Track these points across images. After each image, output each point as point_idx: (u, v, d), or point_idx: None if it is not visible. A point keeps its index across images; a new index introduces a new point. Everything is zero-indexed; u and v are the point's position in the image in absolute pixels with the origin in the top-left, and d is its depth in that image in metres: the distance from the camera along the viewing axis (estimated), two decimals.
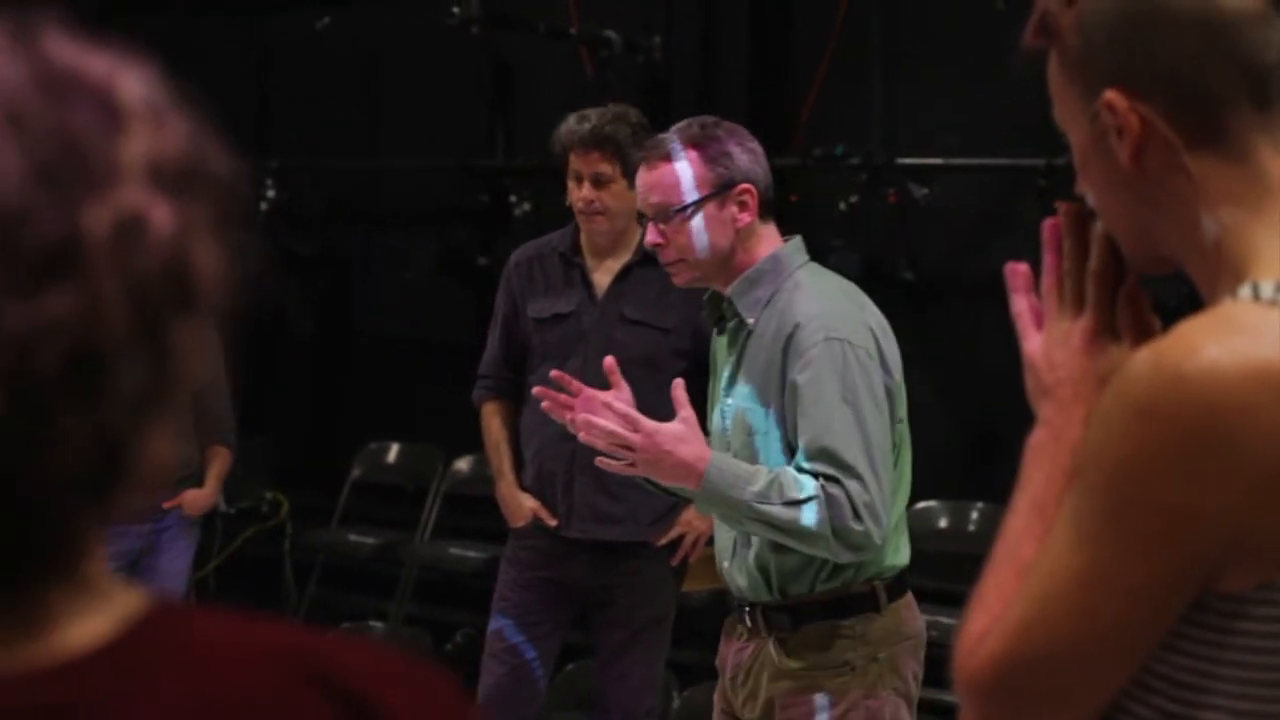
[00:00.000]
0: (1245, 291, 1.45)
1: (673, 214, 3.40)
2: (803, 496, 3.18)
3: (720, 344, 3.55)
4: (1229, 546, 1.41)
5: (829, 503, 3.18)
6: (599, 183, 4.60)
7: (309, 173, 8.39)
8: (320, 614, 7.52)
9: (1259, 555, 1.42)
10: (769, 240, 3.46)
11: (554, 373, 3.57)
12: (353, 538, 7.61)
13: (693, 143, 3.42)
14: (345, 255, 8.70)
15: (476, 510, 6.92)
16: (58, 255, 0.87)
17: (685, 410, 3.26)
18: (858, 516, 3.18)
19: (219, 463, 5.90)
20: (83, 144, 0.90)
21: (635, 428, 3.21)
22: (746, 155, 3.43)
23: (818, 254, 6.75)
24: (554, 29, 7.31)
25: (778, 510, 3.18)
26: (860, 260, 6.68)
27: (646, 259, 4.69)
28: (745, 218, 3.40)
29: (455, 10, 6.92)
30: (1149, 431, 1.39)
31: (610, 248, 4.71)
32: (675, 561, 4.76)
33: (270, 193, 8.24)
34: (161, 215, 0.91)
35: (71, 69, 0.93)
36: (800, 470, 3.23)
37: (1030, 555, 1.51)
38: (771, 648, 3.37)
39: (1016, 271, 1.68)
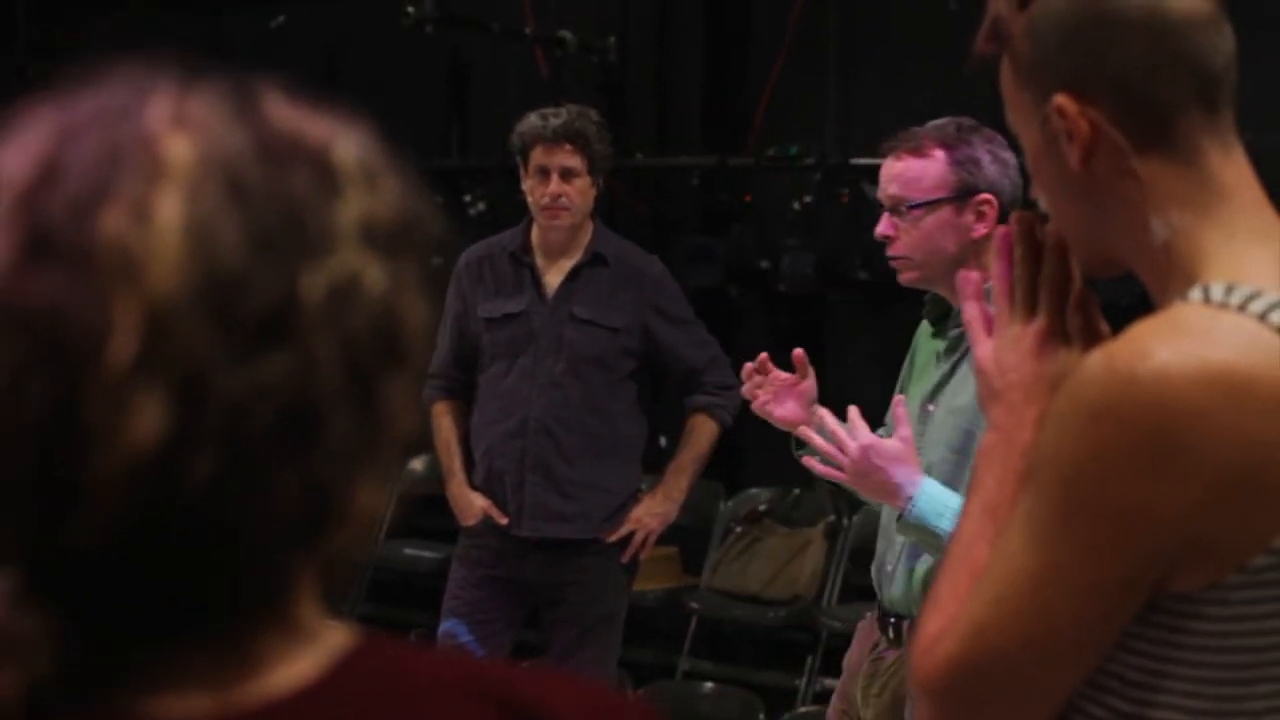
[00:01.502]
0: (1196, 294, 1.46)
1: (906, 210, 3.28)
2: None
3: (928, 345, 3.43)
4: (1182, 547, 1.42)
5: None
6: (566, 177, 4.61)
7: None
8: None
9: (1211, 555, 1.43)
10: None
11: (763, 355, 3.46)
12: None
13: (943, 142, 3.29)
14: None
15: (431, 510, 6.91)
16: (274, 320, 0.89)
17: (905, 429, 3.12)
18: None
19: None
20: (301, 210, 0.92)
21: (855, 436, 3.08)
22: (996, 165, 3.28)
23: (772, 254, 6.82)
24: (509, 29, 7.31)
25: None
26: (815, 260, 6.70)
27: (596, 259, 4.70)
28: (981, 228, 3.25)
29: (410, 10, 6.92)
30: (1102, 433, 1.40)
31: (563, 247, 4.72)
32: (626, 559, 4.76)
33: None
34: (373, 276, 0.93)
35: (290, 135, 0.95)
36: None
37: (983, 558, 1.52)
38: None
39: (968, 279, 1.69)
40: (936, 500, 3.05)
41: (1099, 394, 1.41)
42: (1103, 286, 1.65)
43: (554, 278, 4.72)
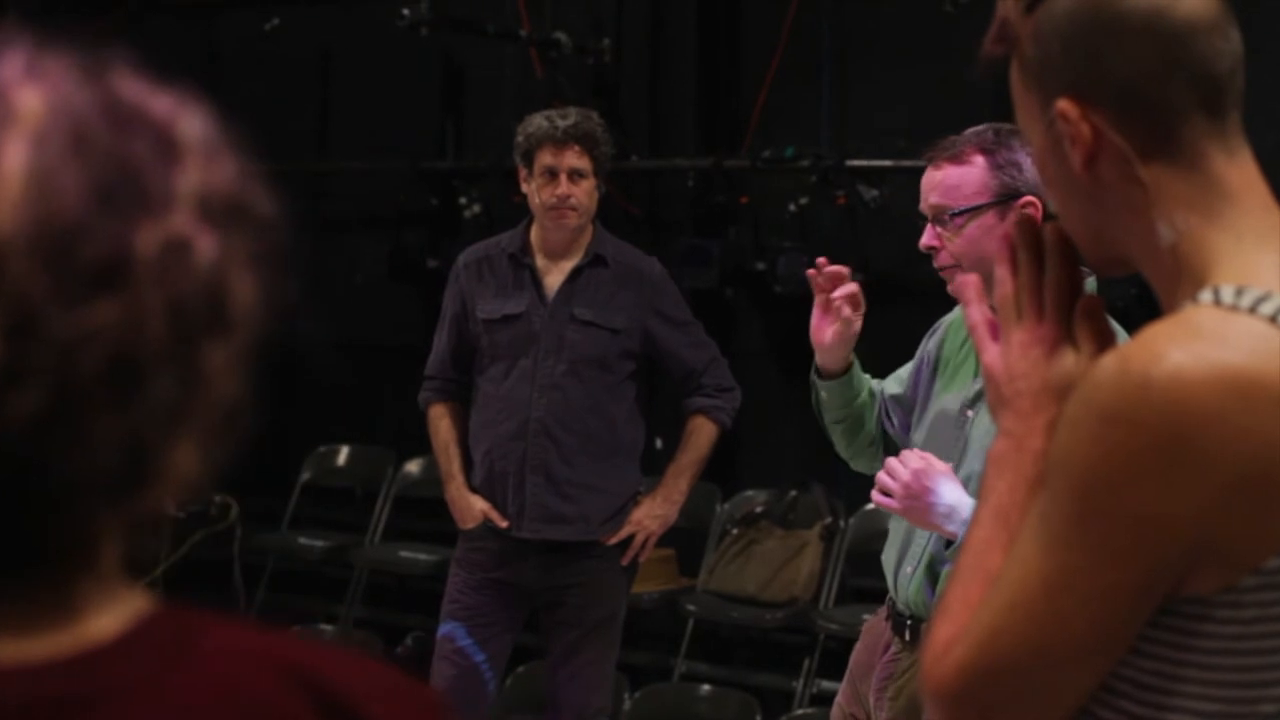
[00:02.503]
0: (1206, 296, 1.46)
1: (949, 218, 3.25)
2: None
3: (966, 348, 3.41)
4: (1196, 550, 1.42)
5: None
6: (574, 178, 4.61)
7: (258, 175, 8.34)
8: (270, 617, 7.48)
9: (1225, 559, 1.42)
10: None
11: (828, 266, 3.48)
12: (303, 541, 7.58)
13: (983, 147, 3.26)
14: (294, 258, 8.66)
15: (427, 513, 6.91)
16: (108, 269, 0.93)
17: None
18: None
19: None
20: (141, 172, 0.97)
21: (904, 462, 3.07)
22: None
23: (768, 255, 6.82)
24: (504, 31, 7.31)
25: None
26: (809, 262, 6.68)
27: (596, 260, 4.70)
28: None
29: (405, 12, 6.92)
30: (1116, 437, 1.40)
31: (564, 249, 4.72)
32: (626, 561, 4.76)
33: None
34: (206, 243, 0.98)
35: (136, 103, 1.01)
36: None
37: (995, 565, 1.51)
38: None
39: (968, 283, 1.69)
40: None
41: (1112, 398, 1.41)
42: (1098, 288, 1.64)
43: (554, 279, 4.71)
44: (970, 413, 3.29)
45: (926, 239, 3.30)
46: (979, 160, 3.26)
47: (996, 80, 1.65)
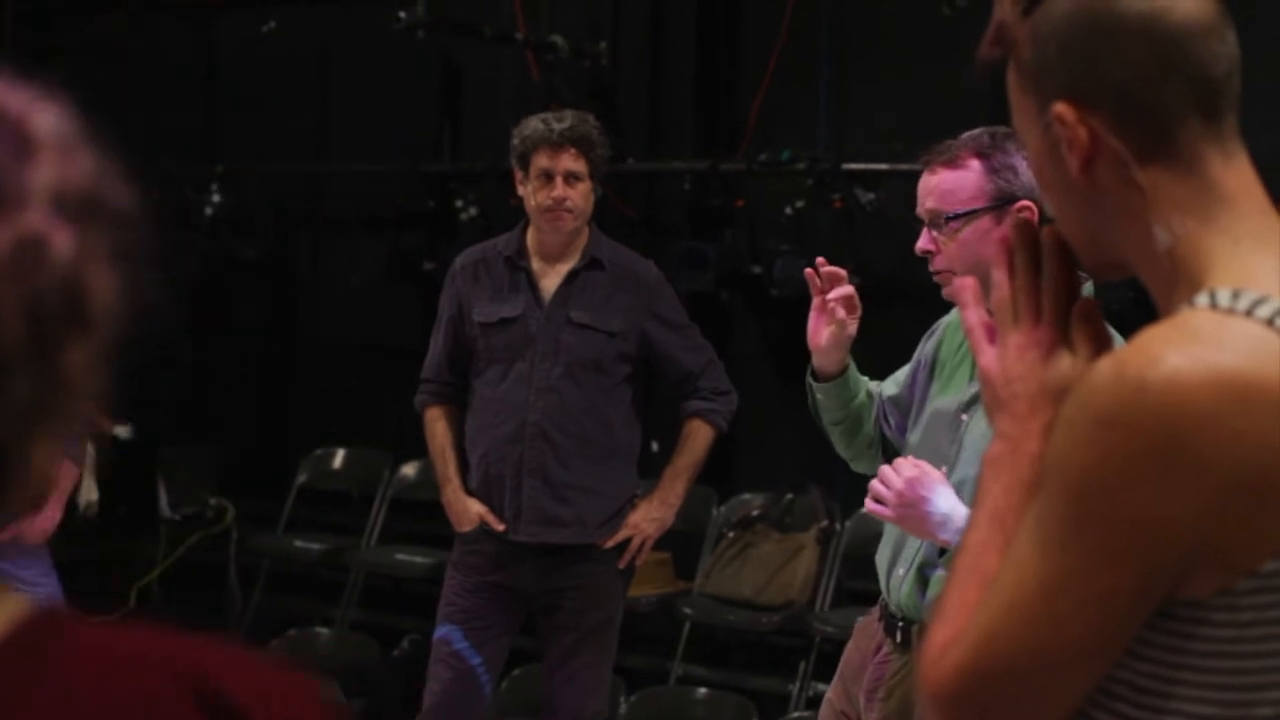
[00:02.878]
0: (1203, 300, 1.46)
1: (945, 222, 3.25)
2: None
3: (962, 350, 3.40)
4: (1192, 553, 1.42)
5: None
6: (570, 180, 4.61)
7: (255, 177, 8.35)
8: (266, 620, 7.49)
9: (1221, 562, 1.42)
10: None
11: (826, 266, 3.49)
12: (299, 543, 7.58)
13: (979, 152, 3.26)
14: (292, 259, 8.67)
15: (423, 516, 6.91)
16: None
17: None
18: None
19: (62, 480, 5.25)
20: None
21: (897, 470, 3.09)
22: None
23: (764, 258, 6.82)
24: (501, 34, 7.31)
25: None
26: (809, 264, 6.69)
27: (593, 263, 4.70)
28: None
29: (402, 14, 6.92)
30: (1112, 440, 1.40)
31: (560, 251, 4.71)
32: (622, 564, 4.76)
33: (216, 197, 8.21)
34: (62, 240, 0.95)
35: None
36: None
37: (992, 568, 1.51)
38: None
39: (965, 286, 1.69)
40: None
41: (1109, 401, 1.41)
42: (1095, 292, 1.64)
43: (550, 282, 4.71)
44: (965, 416, 3.29)
45: (922, 243, 3.30)
46: (975, 165, 3.26)
47: (994, 83, 1.65)
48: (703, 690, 6.07)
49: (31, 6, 8.59)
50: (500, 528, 4.68)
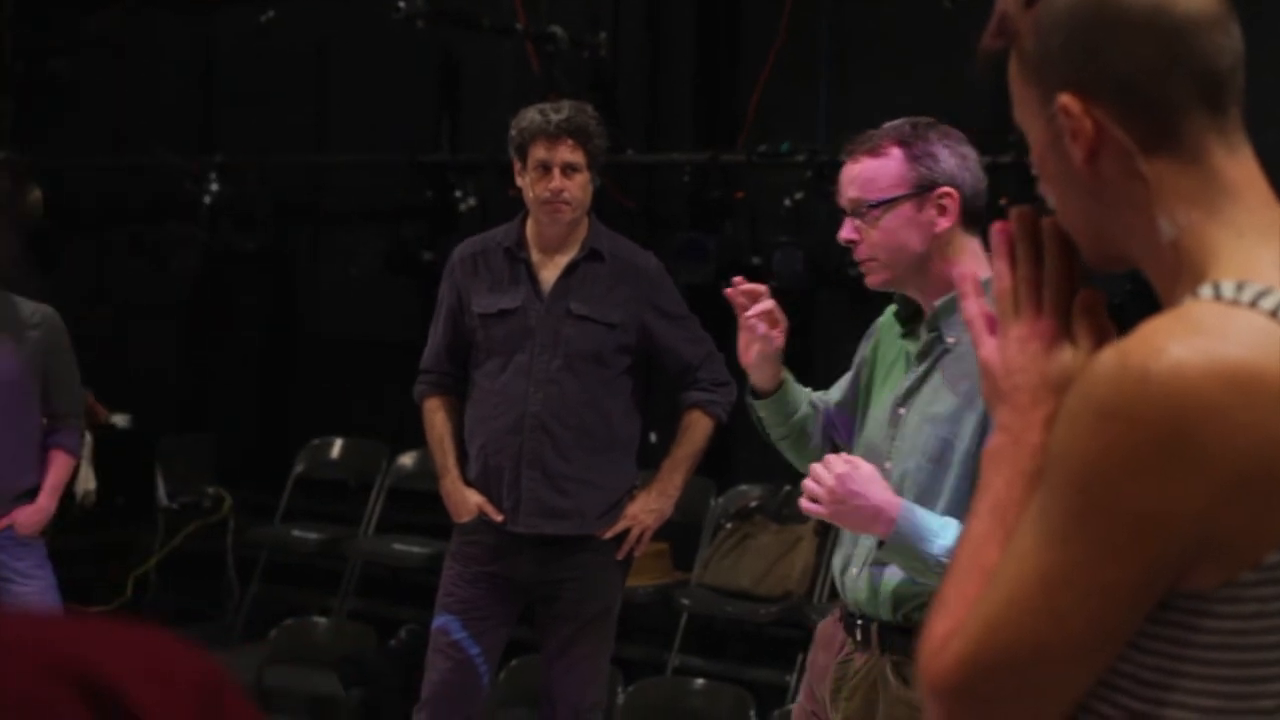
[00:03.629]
0: (1207, 291, 1.46)
1: (867, 210, 3.25)
2: None
3: (896, 342, 3.42)
4: (1196, 545, 1.41)
5: None
6: (568, 172, 4.60)
7: (254, 168, 8.35)
8: (263, 610, 7.50)
9: (1225, 554, 1.42)
10: (973, 254, 3.26)
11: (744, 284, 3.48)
12: (296, 533, 7.58)
13: (899, 139, 3.26)
14: (291, 251, 8.66)
15: (421, 505, 6.91)
16: None
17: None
18: None
19: (57, 470, 5.29)
20: None
21: (828, 467, 3.08)
22: (955, 159, 3.26)
23: (764, 250, 6.82)
24: (500, 25, 7.31)
25: None
26: (805, 257, 6.70)
27: (593, 255, 4.70)
28: (944, 222, 3.23)
29: (401, 5, 6.91)
30: (1115, 432, 1.40)
31: (560, 243, 4.71)
32: (621, 555, 4.76)
33: (215, 188, 8.21)
34: None
35: None
36: None
37: (993, 560, 1.51)
38: (889, 672, 3.27)
39: (964, 277, 1.68)
40: (919, 524, 3.06)
41: (1112, 392, 1.40)
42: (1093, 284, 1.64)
43: (550, 273, 4.71)
44: (902, 410, 3.29)
45: (845, 232, 3.30)
46: (895, 153, 3.27)
47: (993, 76, 1.65)
48: (700, 681, 6.07)
49: (32, 0, 8.59)
50: (499, 518, 4.68)
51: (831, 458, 3.12)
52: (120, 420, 7.71)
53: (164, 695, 0.97)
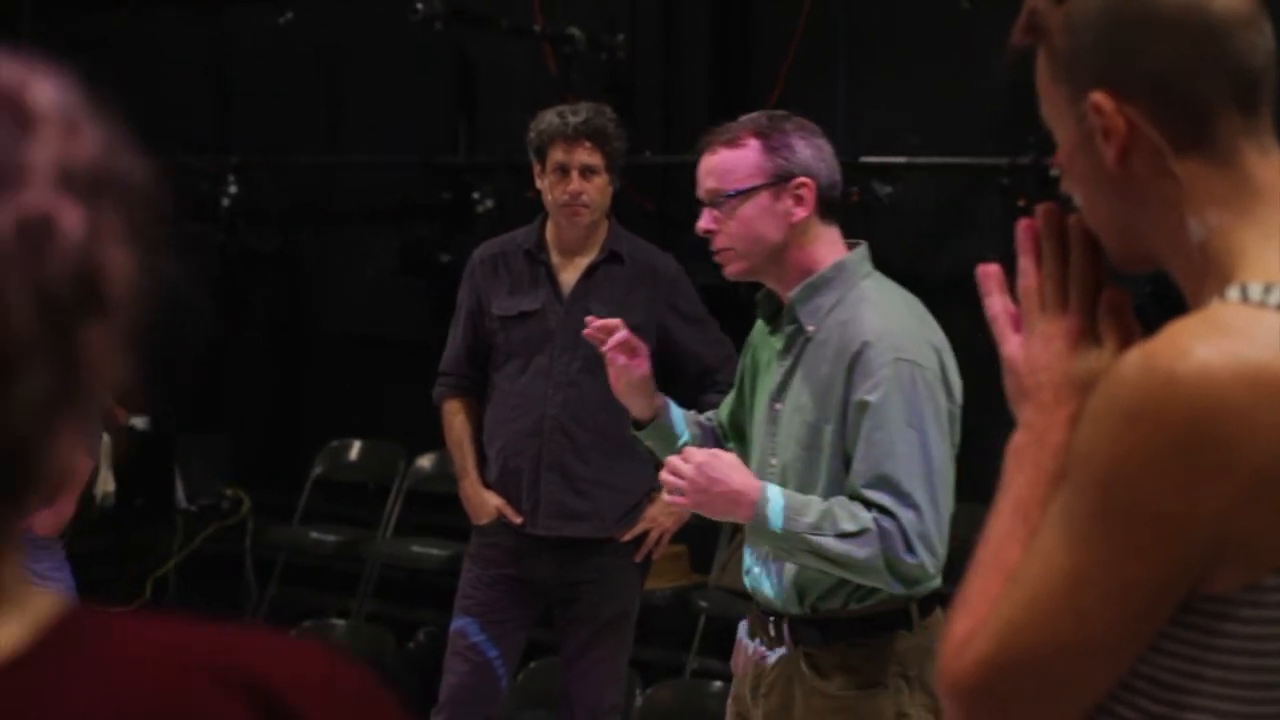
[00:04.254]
0: (1234, 293, 1.45)
1: (724, 199, 3.31)
2: (855, 529, 3.11)
3: (767, 343, 3.47)
4: (1218, 548, 1.41)
5: (881, 536, 3.10)
6: (586, 174, 4.60)
7: (270, 169, 8.36)
8: (281, 612, 7.50)
9: (1248, 557, 1.42)
10: (829, 243, 3.34)
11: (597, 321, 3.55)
12: (314, 535, 7.58)
13: (756, 131, 3.32)
14: (306, 252, 8.67)
15: (439, 508, 6.91)
16: None
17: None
18: (910, 549, 3.11)
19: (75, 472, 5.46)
20: None
21: (687, 459, 3.15)
22: (810, 150, 3.32)
23: None
24: (517, 26, 7.30)
25: (830, 543, 3.11)
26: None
27: (612, 257, 4.69)
28: (800, 212, 3.29)
29: (419, 6, 6.91)
30: (1140, 433, 1.39)
31: (579, 245, 4.71)
32: (639, 558, 4.76)
33: (231, 189, 8.21)
34: (71, 219, 0.90)
35: None
36: (855, 496, 3.16)
37: (1015, 558, 1.51)
38: (803, 665, 3.31)
39: (988, 274, 1.67)
40: (779, 503, 3.11)
41: (1137, 393, 1.40)
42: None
43: (570, 275, 4.71)
44: (779, 405, 3.34)
45: (703, 223, 3.36)
46: (753, 143, 3.31)
47: (1012, 75, 1.63)
48: (718, 683, 6.05)
49: (49, 1, 8.60)
50: (518, 521, 4.68)
51: (690, 449, 3.19)
52: (139, 422, 7.71)
53: (325, 701, 0.97)
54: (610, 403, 4.70)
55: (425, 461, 7.41)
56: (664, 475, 3.18)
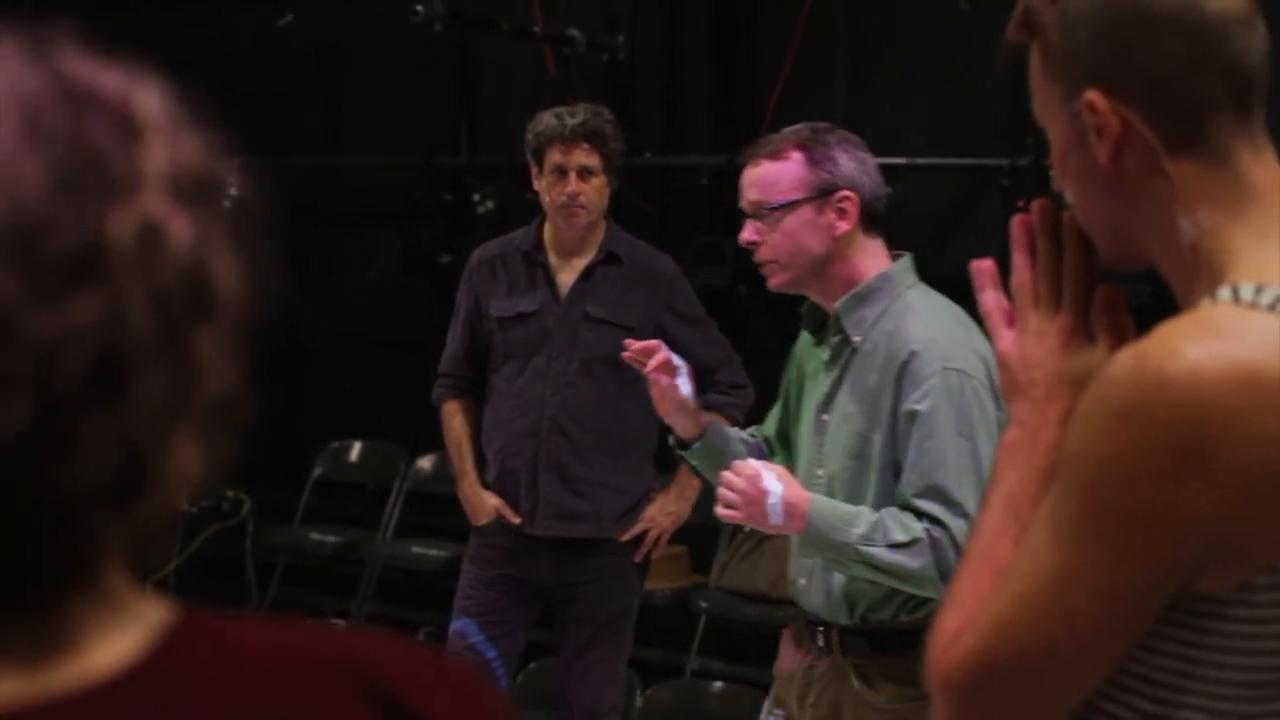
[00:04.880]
0: (1225, 294, 1.45)
1: (767, 212, 3.32)
2: (907, 540, 3.12)
3: (813, 354, 3.47)
4: (1209, 548, 1.41)
5: (933, 546, 3.11)
6: (584, 176, 4.60)
7: (271, 170, 8.34)
8: (282, 613, 7.49)
9: (1240, 557, 1.42)
10: (874, 254, 3.36)
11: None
12: (315, 536, 7.59)
13: (799, 144, 3.34)
14: (307, 253, 8.67)
15: (439, 509, 6.91)
16: (82, 261, 0.87)
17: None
18: None
19: None
20: (103, 154, 0.90)
21: (738, 472, 3.16)
22: (854, 163, 3.34)
23: None
24: (518, 27, 7.31)
25: (881, 553, 3.12)
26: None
27: (610, 258, 4.70)
28: (844, 225, 3.31)
29: (419, 8, 6.91)
30: (1130, 434, 1.39)
31: (577, 246, 4.71)
32: (638, 558, 4.76)
33: (231, 190, 8.21)
34: (180, 226, 0.92)
35: (88, 82, 0.93)
36: (906, 506, 3.16)
37: (1005, 555, 1.51)
38: (851, 675, 3.32)
39: (982, 269, 1.67)
40: (830, 514, 3.14)
41: (1128, 394, 1.40)
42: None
43: (567, 277, 4.71)
44: (825, 417, 3.35)
45: (746, 234, 3.36)
46: (796, 156, 3.33)
47: (1012, 78, 1.64)
48: (718, 684, 6.06)
49: (46, 2, 8.61)
50: (517, 521, 4.69)
51: (738, 463, 3.20)
52: None
53: (443, 700, 0.97)
54: (608, 403, 4.73)
55: (425, 462, 7.41)
56: (719, 490, 3.20)
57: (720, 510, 3.24)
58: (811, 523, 3.13)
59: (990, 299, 1.65)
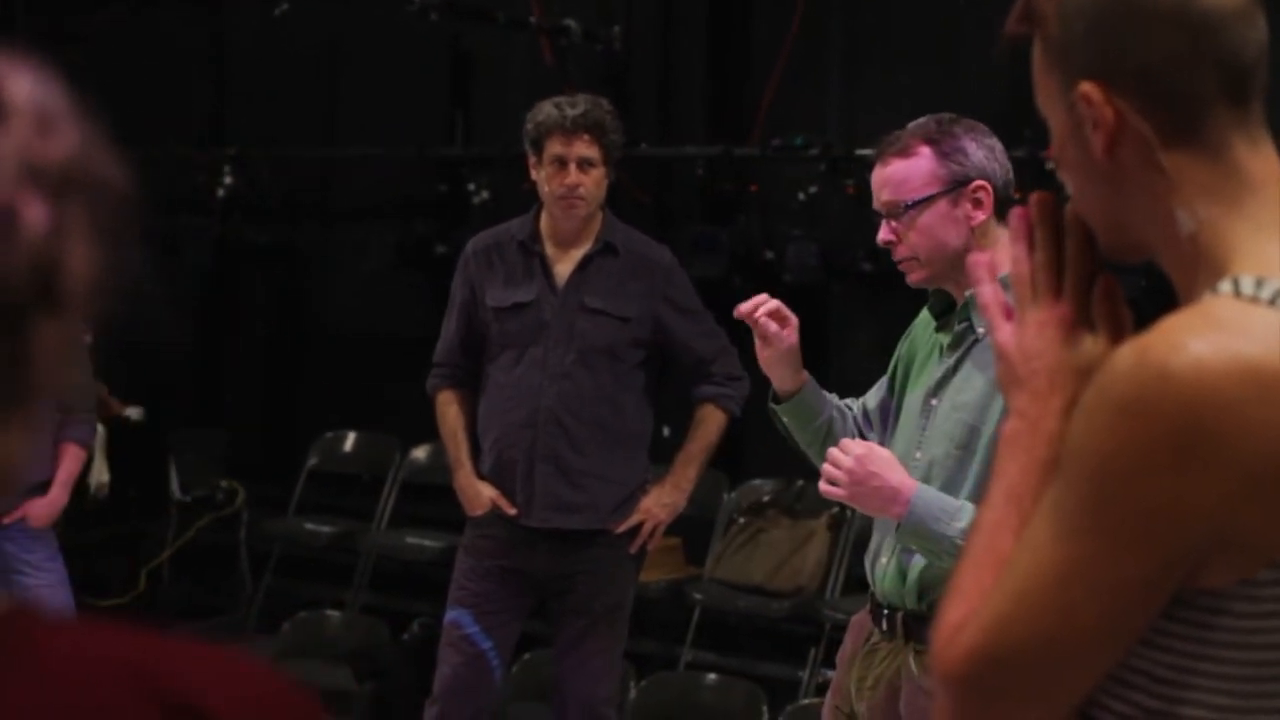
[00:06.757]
0: (1225, 287, 1.45)
1: (903, 210, 3.28)
2: None
3: (931, 337, 3.44)
4: (1211, 543, 1.41)
5: None
6: (584, 167, 4.59)
7: (266, 161, 8.35)
8: (276, 603, 7.50)
9: (1242, 551, 1.41)
10: (1006, 244, 3.25)
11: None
12: (309, 527, 7.59)
13: (927, 138, 3.29)
14: (302, 244, 8.67)
15: (433, 499, 6.91)
16: None
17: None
18: None
19: (69, 463, 5.34)
20: None
21: (846, 450, 3.13)
22: (983, 151, 3.30)
23: (777, 244, 6.81)
24: (513, 18, 7.30)
25: None
26: (819, 250, 6.69)
27: (607, 249, 4.69)
28: (979, 215, 3.27)
29: None
30: (1133, 428, 1.39)
31: (574, 237, 4.70)
32: (634, 549, 4.75)
33: (227, 181, 8.21)
34: (35, 214, 0.90)
35: None
36: None
37: (1007, 548, 1.51)
38: (911, 661, 3.29)
39: (979, 262, 1.67)
40: (934, 504, 3.10)
41: (1130, 388, 1.39)
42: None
43: (564, 267, 4.70)
44: (934, 401, 3.32)
45: (883, 235, 3.33)
46: (925, 151, 3.29)
47: (1006, 69, 1.64)
48: (712, 676, 6.06)
49: None
50: (512, 512, 4.68)
51: (847, 441, 3.17)
52: (133, 413, 7.71)
53: (247, 715, 0.96)
54: (604, 394, 4.72)
55: (420, 453, 7.41)
56: (824, 466, 3.15)
57: (824, 486, 3.18)
58: (914, 511, 3.09)
59: (987, 291, 1.65)
